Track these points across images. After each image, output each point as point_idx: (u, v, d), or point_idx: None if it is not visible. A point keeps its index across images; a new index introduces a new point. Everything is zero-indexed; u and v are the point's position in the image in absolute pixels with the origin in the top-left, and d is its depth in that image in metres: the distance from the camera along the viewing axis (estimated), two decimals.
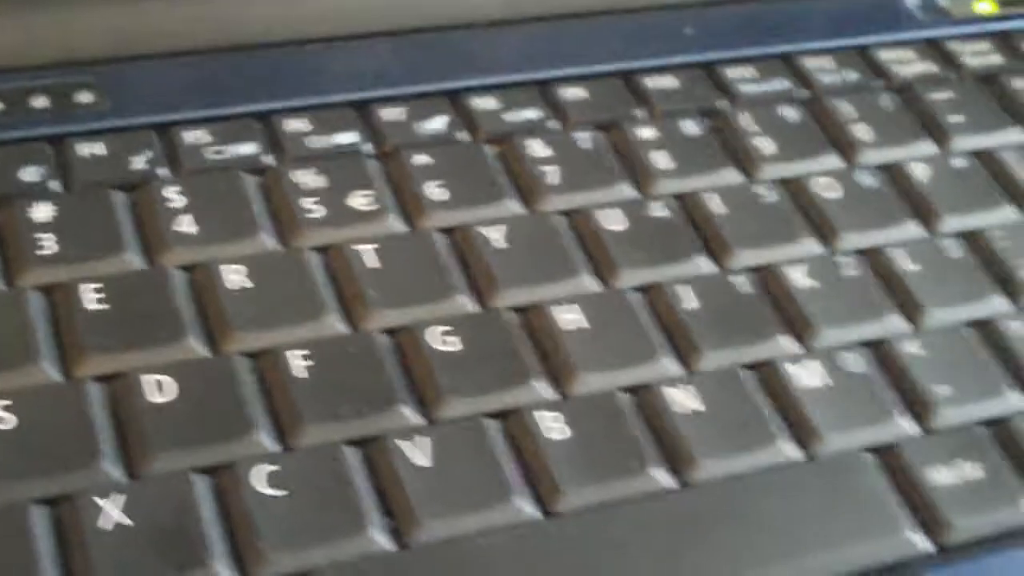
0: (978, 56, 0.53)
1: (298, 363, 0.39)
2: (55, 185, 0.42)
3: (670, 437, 0.39)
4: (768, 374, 0.41)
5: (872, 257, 0.45)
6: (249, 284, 0.40)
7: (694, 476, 0.39)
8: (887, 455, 0.40)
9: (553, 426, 0.39)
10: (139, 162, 0.43)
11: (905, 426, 0.41)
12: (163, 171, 0.43)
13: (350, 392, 0.39)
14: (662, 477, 0.39)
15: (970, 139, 0.50)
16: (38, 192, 0.42)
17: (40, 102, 0.45)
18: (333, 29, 0.48)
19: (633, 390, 0.40)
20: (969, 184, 0.48)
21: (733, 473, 0.39)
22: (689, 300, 0.43)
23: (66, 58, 0.46)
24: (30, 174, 0.42)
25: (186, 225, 0.42)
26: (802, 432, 0.40)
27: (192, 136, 0.44)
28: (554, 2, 0.51)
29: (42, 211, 0.41)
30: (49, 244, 0.41)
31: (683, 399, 0.40)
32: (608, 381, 0.40)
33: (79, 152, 0.43)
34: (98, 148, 0.43)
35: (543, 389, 0.40)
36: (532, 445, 0.38)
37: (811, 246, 0.45)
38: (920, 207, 0.47)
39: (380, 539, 0.36)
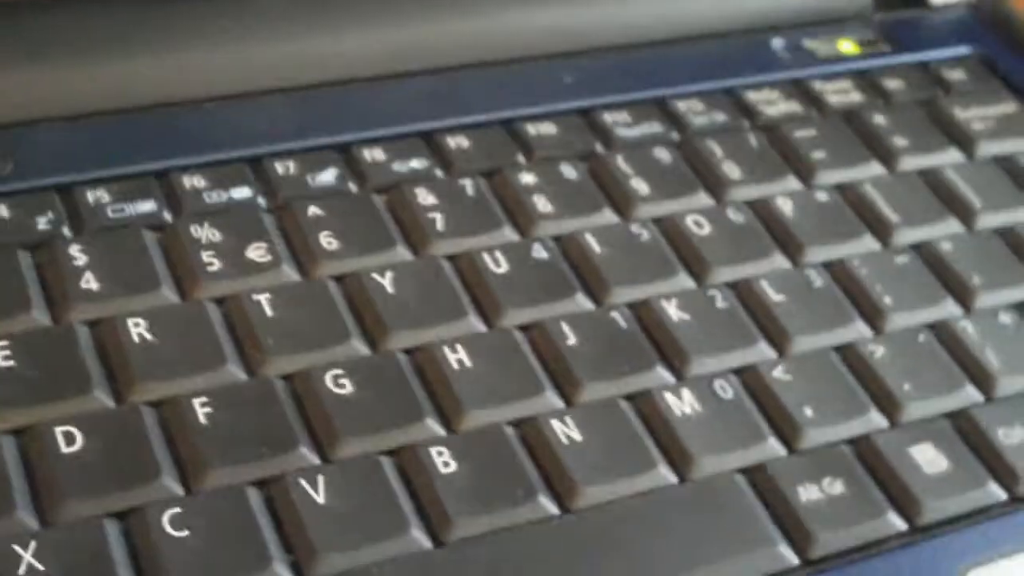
0: (840, 94, 0.57)
1: (200, 410, 0.41)
2: None
3: (554, 467, 0.42)
4: (645, 403, 0.44)
5: (741, 289, 0.48)
6: (151, 337, 0.43)
7: (577, 503, 0.41)
8: (757, 475, 0.43)
9: (444, 461, 0.41)
10: (43, 222, 0.45)
11: (774, 447, 0.44)
12: (66, 231, 0.45)
13: (251, 436, 0.41)
14: (547, 505, 0.41)
15: (833, 173, 0.53)
16: None
17: None
18: (226, 88, 0.51)
19: (519, 424, 0.43)
20: (831, 216, 0.51)
21: (614, 499, 0.42)
22: (570, 337, 0.45)
23: None
24: None
25: (90, 282, 0.44)
26: (677, 457, 0.43)
27: (93, 196, 0.46)
28: (435, 56, 0.53)
29: None
30: None
31: (566, 430, 0.43)
32: (495, 416, 0.43)
33: None
34: (2, 210, 0.45)
35: (434, 426, 0.42)
36: (425, 479, 0.41)
37: (684, 281, 0.48)
38: (786, 240, 0.50)
39: (282, 574, 0.38)
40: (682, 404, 0.44)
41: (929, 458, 0.45)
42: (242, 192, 0.48)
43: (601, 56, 0.56)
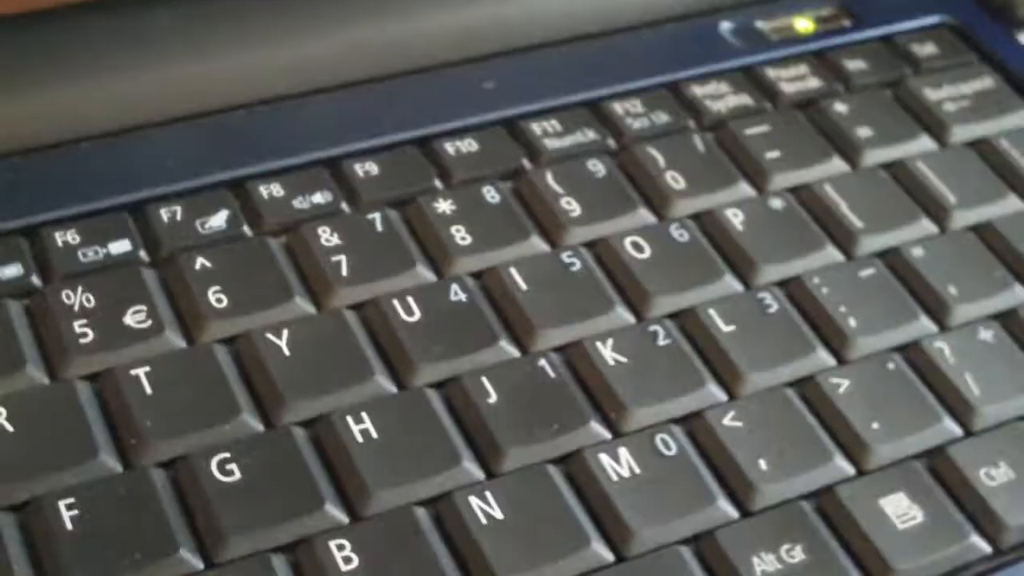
0: (796, 81, 0.51)
1: (66, 513, 0.36)
2: None
3: (472, 551, 0.37)
4: (577, 468, 0.39)
5: (686, 321, 0.43)
6: (11, 428, 0.38)
7: None
8: (706, 546, 0.38)
9: (343, 555, 0.36)
10: None
11: (725, 510, 0.39)
12: None
13: (125, 536, 0.36)
14: None
15: (787, 176, 0.48)
16: None
17: None
18: (106, 124, 0.45)
19: (432, 502, 0.38)
20: (787, 227, 0.46)
21: None
22: (490, 393, 0.40)
23: None
24: None
25: None
26: (613, 530, 0.38)
27: None
28: (340, 71, 0.48)
29: None
30: None
31: (485, 507, 0.38)
32: (403, 496, 0.38)
33: None
34: None
35: (335, 514, 0.37)
36: None
37: (621, 316, 0.43)
38: (737, 259, 0.45)
39: None
40: (619, 466, 0.39)
41: (902, 510, 0.39)
42: (120, 246, 0.42)
43: (525, 57, 0.50)
